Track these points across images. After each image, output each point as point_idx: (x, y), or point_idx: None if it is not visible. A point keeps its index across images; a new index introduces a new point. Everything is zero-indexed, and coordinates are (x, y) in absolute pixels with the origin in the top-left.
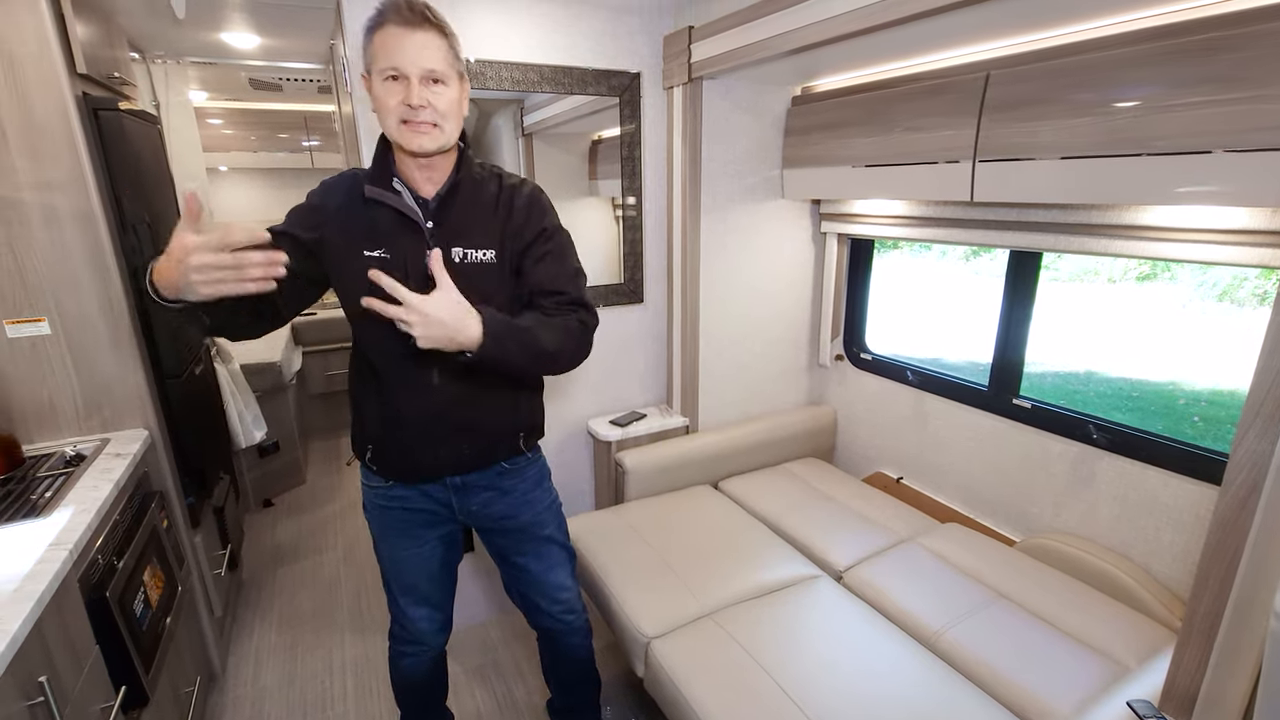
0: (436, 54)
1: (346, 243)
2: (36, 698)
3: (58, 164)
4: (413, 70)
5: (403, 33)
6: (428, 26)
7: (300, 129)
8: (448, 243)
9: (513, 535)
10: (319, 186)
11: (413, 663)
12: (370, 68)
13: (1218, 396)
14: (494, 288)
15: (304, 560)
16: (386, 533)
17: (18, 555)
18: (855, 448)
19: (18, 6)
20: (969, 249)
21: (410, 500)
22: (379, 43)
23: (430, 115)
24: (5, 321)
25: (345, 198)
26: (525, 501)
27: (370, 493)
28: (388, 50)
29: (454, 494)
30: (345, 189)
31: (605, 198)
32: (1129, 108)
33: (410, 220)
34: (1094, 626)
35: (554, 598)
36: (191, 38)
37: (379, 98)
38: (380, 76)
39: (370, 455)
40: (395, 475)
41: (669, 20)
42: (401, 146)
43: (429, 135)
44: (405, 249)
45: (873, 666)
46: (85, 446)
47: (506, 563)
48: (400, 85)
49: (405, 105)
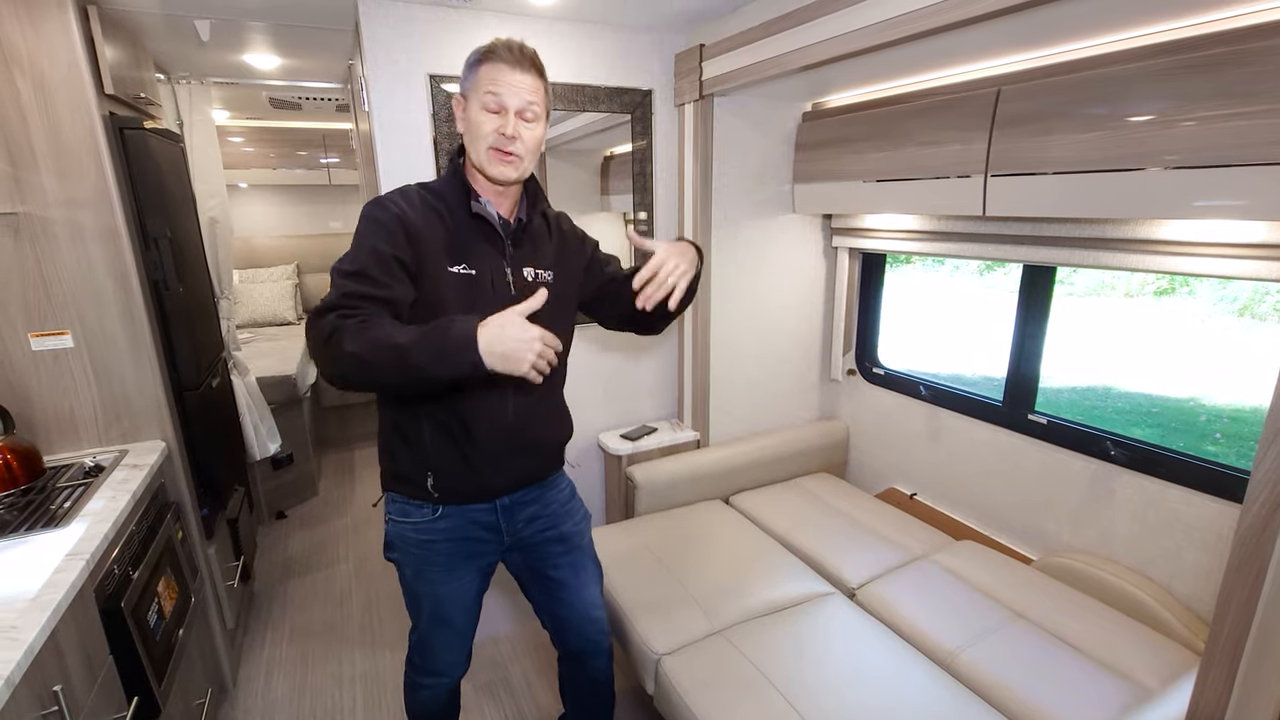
0: (535, 94)
1: (433, 257)
2: (51, 707)
3: (84, 182)
4: (512, 103)
5: (509, 69)
6: (532, 70)
7: (318, 146)
8: (522, 262)
9: (553, 546)
10: (386, 199)
11: (430, 695)
12: (468, 94)
13: (1240, 413)
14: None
15: (316, 573)
16: (426, 569)
17: (36, 565)
18: (868, 463)
19: (50, 30)
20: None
21: (456, 530)
22: (485, 73)
23: (518, 148)
24: (30, 334)
25: (423, 213)
26: (565, 512)
27: (409, 529)
28: (493, 81)
29: (501, 515)
30: (417, 204)
31: (617, 212)
32: (1142, 122)
33: (494, 240)
34: (1115, 648)
35: (588, 615)
36: (215, 59)
37: (475, 123)
38: (479, 104)
39: (432, 482)
40: (458, 498)
41: (681, 38)
42: (484, 172)
43: (513, 165)
44: (489, 265)
45: (887, 686)
46: (104, 457)
47: (541, 579)
48: (498, 116)
49: (500, 134)
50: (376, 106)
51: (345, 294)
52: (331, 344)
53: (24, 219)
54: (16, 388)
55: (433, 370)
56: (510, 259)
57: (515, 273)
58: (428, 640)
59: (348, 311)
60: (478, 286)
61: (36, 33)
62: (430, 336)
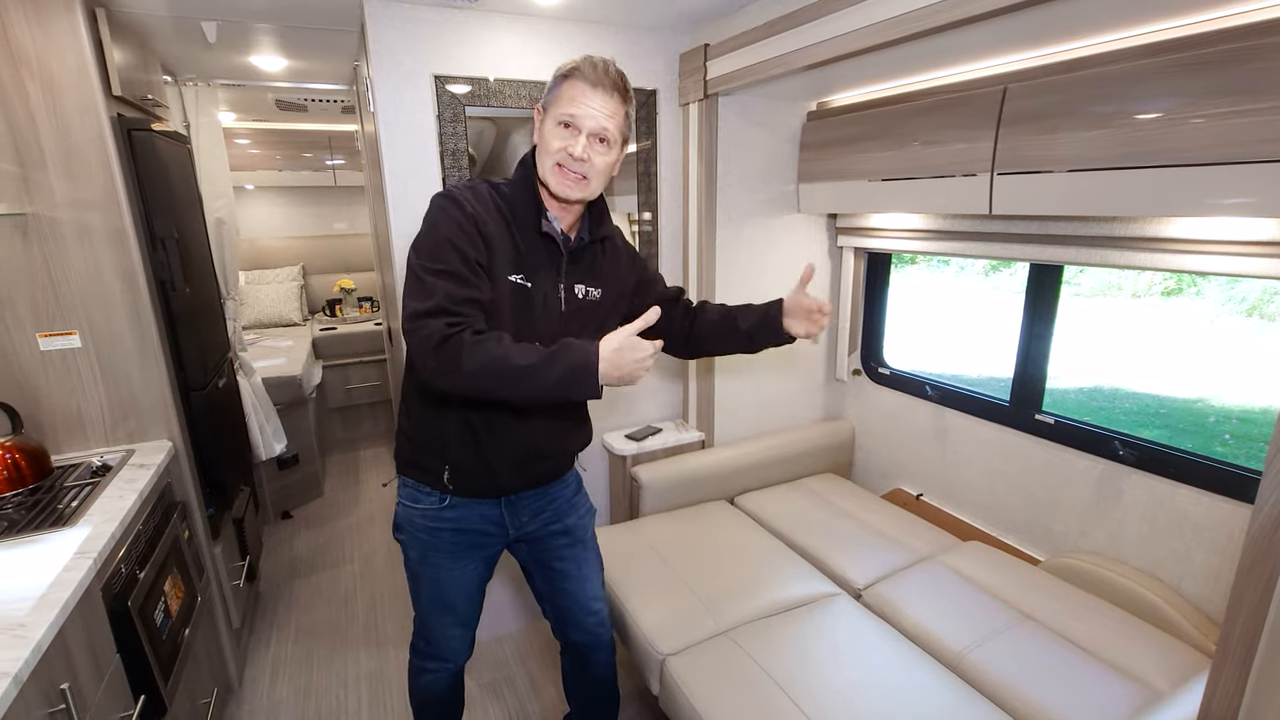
0: (613, 119)
1: (498, 264)
2: (58, 705)
3: (92, 183)
4: (587, 124)
5: (590, 89)
6: (614, 92)
7: (324, 148)
8: (575, 279)
9: (559, 538)
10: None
11: (433, 679)
12: (548, 106)
13: (1249, 414)
14: (598, 322)
15: (321, 573)
16: (431, 554)
17: (44, 563)
18: (873, 464)
19: (59, 32)
20: (988, 263)
21: (463, 521)
22: (566, 90)
23: (585, 169)
24: (38, 334)
25: (495, 217)
26: (570, 505)
27: (417, 514)
28: (572, 99)
29: (505, 509)
30: (490, 206)
31: (621, 213)
32: (1150, 120)
33: (554, 255)
34: (1124, 649)
35: (588, 608)
36: (221, 61)
37: (546, 138)
38: (555, 120)
39: (448, 477)
40: (469, 494)
41: (685, 38)
42: (547, 186)
43: (578, 186)
44: (545, 279)
45: (893, 687)
46: (111, 457)
47: (545, 569)
48: (570, 133)
49: (567, 153)
50: (382, 108)
51: (448, 296)
52: (445, 355)
53: (32, 219)
54: (25, 387)
55: (550, 394)
56: (565, 275)
57: (568, 289)
58: (429, 624)
59: (457, 320)
60: (530, 300)
61: (45, 35)
62: (553, 363)
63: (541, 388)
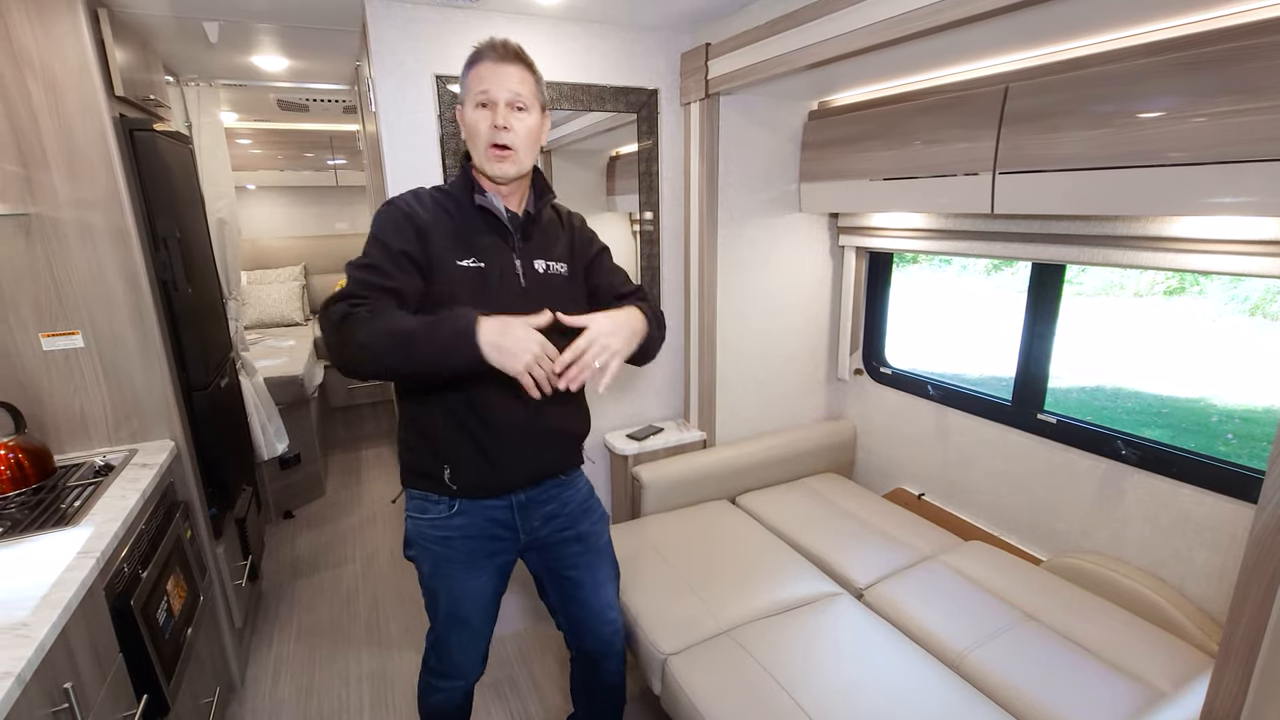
0: (523, 85)
1: (442, 252)
2: (61, 704)
3: (94, 183)
4: (500, 95)
5: (496, 65)
6: (517, 61)
7: (325, 148)
8: (532, 255)
9: (571, 545)
10: (397, 199)
11: (445, 698)
12: (465, 99)
13: (1252, 413)
14: (568, 297)
15: (323, 572)
16: (444, 566)
17: (47, 563)
18: (875, 463)
19: (61, 32)
20: (990, 263)
21: (473, 527)
22: (474, 75)
23: (511, 139)
24: (41, 334)
25: (432, 209)
26: (583, 511)
27: (426, 525)
28: (481, 78)
29: (517, 512)
30: (427, 202)
31: (623, 213)
32: (1151, 119)
33: (502, 233)
34: (1126, 649)
35: (603, 616)
36: (223, 61)
37: (471, 125)
38: (473, 104)
39: (449, 474)
40: (475, 491)
41: (686, 38)
42: (485, 172)
43: (510, 162)
44: (499, 258)
45: (895, 687)
46: (114, 457)
47: (558, 578)
48: (489, 111)
49: (492, 127)
50: (383, 107)
51: (354, 282)
52: (343, 331)
53: (35, 220)
54: (28, 387)
55: (437, 359)
56: (520, 252)
57: (526, 265)
58: (445, 641)
59: (357, 300)
60: (487, 279)
61: (48, 35)
62: (434, 326)
63: (427, 352)
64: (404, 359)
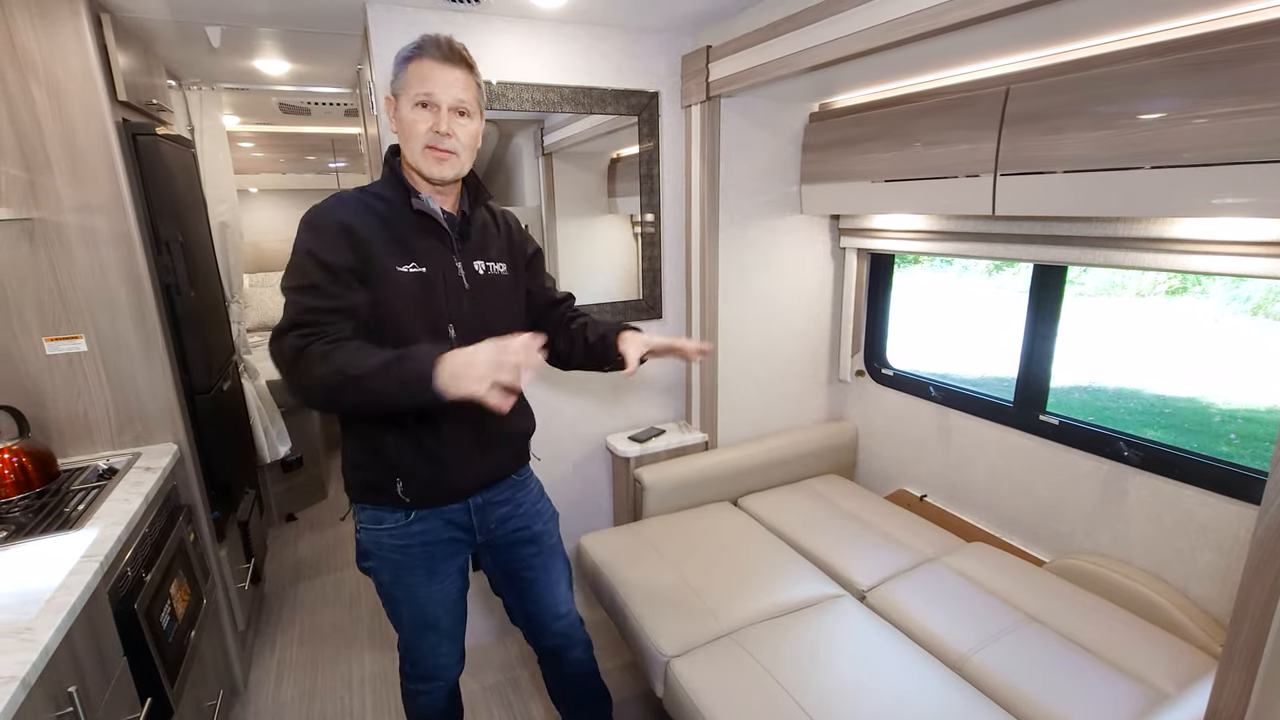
0: (467, 90)
1: (380, 259)
2: (66, 707)
3: (98, 187)
4: (444, 99)
5: (439, 66)
6: (462, 65)
7: (327, 151)
8: (471, 256)
9: (526, 547)
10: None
11: (428, 700)
12: (399, 93)
13: (1254, 414)
14: (509, 298)
15: (325, 575)
16: (404, 574)
17: (51, 567)
18: (877, 465)
19: (64, 37)
20: (992, 263)
21: (430, 533)
22: (414, 71)
23: (453, 144)
24: (45, 338)
25: (363, 216)
26: (535, 512)
27: (382, 535)
28: (423, 78)
29: (474, 515)
30: (356, 208)
31: (624, 215)
32: (1154, 120)
33: (439, 234)
34: (1129, 651)
35: (557, 612)
36: (225, 65)
37: (408, 122)
38: (410, 102)
39: (402, 487)
40: (429, 501)
41: (687, 40)
42: (421, 172)
43: (449, 164)
44: (439, 262)
45: (897, 688)
46: (117, 460)
47: (515, 579)
48: (430, 113)
49: (434, 132)
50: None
51: (301, 309)
52: (298, 370)
53: (39, 224)
54: (31, 391)
55: (397, 400)
56: (459, 254)
57: (466, 267)
58: (415, 647)
59: (308, 331)
60: (430, 284)
61: (51, 40)
62: (390, 370)
63: (385, 394)
64: (360, 400)
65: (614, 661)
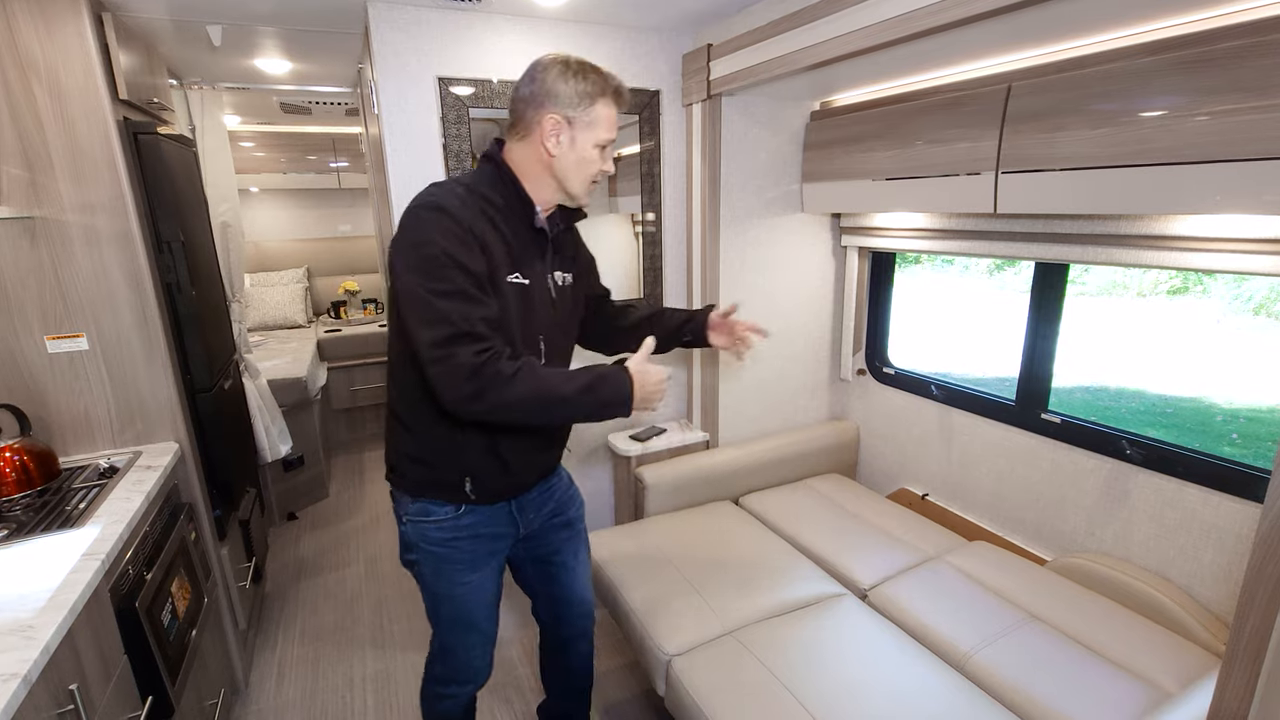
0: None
1: (496, 268)
2: (67, 705)
3: (99, 186)
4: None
5: (617, 115)
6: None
7: (328, 150)
8: (556, 269)
9: (561, 532)
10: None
11: (452, 704)
12: (583, 127)
13: (1257, 413)
14: (579, 305)
15: (326, 574)
16: (445, 567)
17: (52, 565)
18: (878, 464)
19: (66, 36)
20: (993, 262)
21: (479, 525)
22: (605, 115)
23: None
24: (46, 337)
25: (484, 222)
26: (569, 498)
27: (429, 527)
28: (611, 125)
29: (518, 510)
30: (477, 212)
31: (625, 214)
32: (1155, 117)
33: (541, 249)
34: (1132, 650)
35: (581, 596)
36: (226, 64)
37: (587, 159)
38: (593, 141)
39: (470, 485)
40: (494, 497)
41: (688, 39)
42: (577, 199)
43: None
44: (537, 274)
45: (900, 688)
46: (119, 459)
47: (547, 564)
48: (606, 154)
49: (603, 172)
50: (386, 110)
51: (463, 318)
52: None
53: (40, 223)
54: (33, 390)
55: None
56: (550, 266)
57: (553, 279)
58: (452, 647)
59: (484, 347)
60: (530, 296)
61: (52, 40)
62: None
63: (584, 415)
64: (555, 420)
65: (615, 661)
